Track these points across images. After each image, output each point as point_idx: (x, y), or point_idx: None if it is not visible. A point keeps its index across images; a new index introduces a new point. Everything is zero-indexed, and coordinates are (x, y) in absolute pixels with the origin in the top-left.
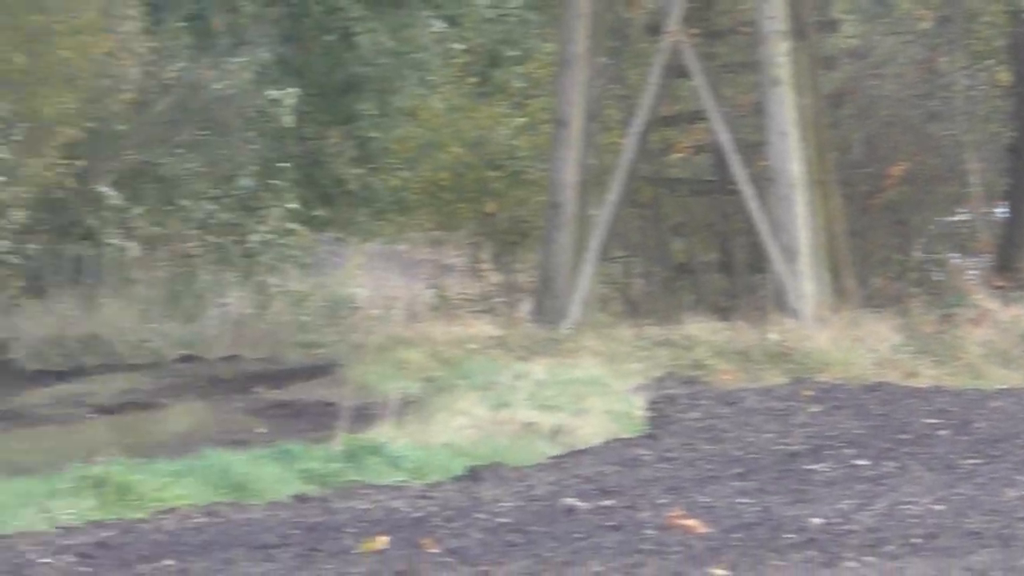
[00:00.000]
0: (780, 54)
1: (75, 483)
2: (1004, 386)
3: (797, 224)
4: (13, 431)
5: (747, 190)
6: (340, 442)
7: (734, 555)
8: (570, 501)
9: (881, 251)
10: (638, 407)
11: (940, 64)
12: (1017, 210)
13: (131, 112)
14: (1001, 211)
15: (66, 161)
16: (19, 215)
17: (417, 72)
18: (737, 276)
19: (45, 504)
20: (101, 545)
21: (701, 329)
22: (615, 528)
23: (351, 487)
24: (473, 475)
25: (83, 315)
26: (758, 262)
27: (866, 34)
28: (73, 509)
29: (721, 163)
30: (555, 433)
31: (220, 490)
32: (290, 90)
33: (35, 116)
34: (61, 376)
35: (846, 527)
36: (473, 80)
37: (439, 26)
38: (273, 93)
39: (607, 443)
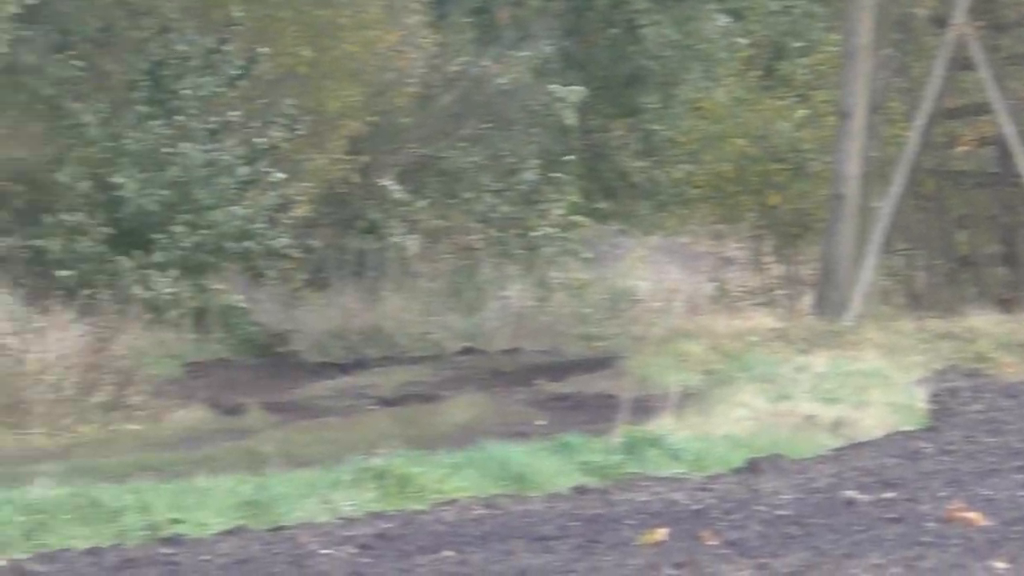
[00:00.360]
0: None
1: (356, 475)
2: None
3: None
4: (296, 423)
5: None
6: (620, 434)
7: (1015, 548)
8: (850, 493)
9: None
10: (920, 400)
11: None
12: None
13: (415, 106)
14: None
15: (350, 156)
16: (303, 209)
17: (701, 65)
18: (1021, 268)
19: (327, 495)
20: (381, 536)
21: (984, 322)
22: (895, 521)
23: (631, 479)
24: (753, 467)
25: (365, 308)
26: None
27: None
28: (354, 500)
29: (1005, 156)
30: (836, 425)
31: (500, 482)
32: (575, 87)
33: (320, 110)
34: (343, 369)
35: None
36: (757, 73)
37: (724, 20)
38: (557, 89)
39: (888, 435)
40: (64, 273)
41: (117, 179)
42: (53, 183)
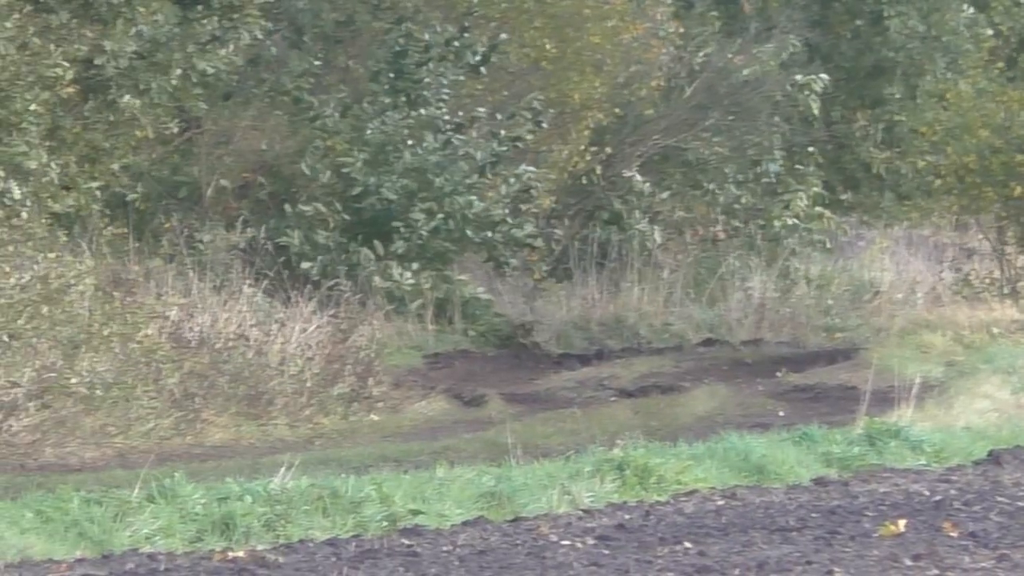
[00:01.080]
0: None
1: (597, 466)
2: None
3: None
4: (538, 414)
5: None
6: (861, 426)
7: None
8: None
9: None
10: None
11: None
12: None
13: (658, 98)
14: None
15: (593, 147)
16: (546, 200)
17: (946, 56)
18: None
19: (567, 486)
20: (621, 527)
21: None
22: None
23: (871, 470)
24: (994, 458)
25: (607, 299)
26: None
27: None
28: (594, 492)
29: None
30: None
31: (740, 473)
32: (820, 76)
33: (564, 102)
34: (584, 360)
35: None
36: (1001, 64)
37: (969, 11)
38: (800, 78)
39: None
40: (305, 265)
41: (356, 168)
42: (294, 175)
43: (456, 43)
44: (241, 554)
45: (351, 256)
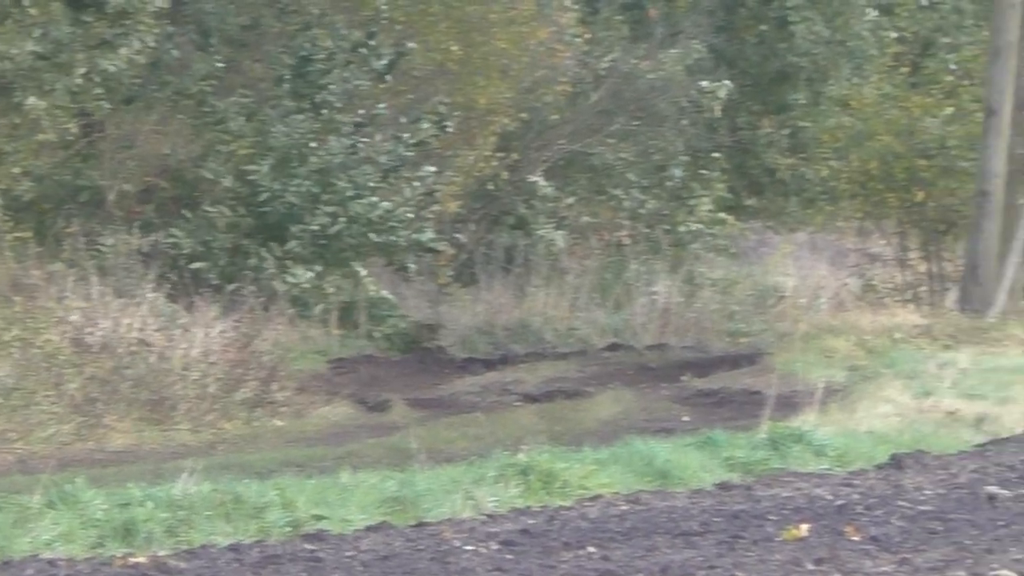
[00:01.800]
0: None
1: (501, 471)
2: None
3: None
4: (442, 419)
5: None
6: (764, 430)
7: None
8: (992, 489)
9: None
10: None
11: None
12: None
13: (564, 102)
14: None
15: (499, 152)
16: (451, 205)
17: (851, 62)
18: None
19: (471, 491)
20: (525, 532)
21: None
22: None
23: (774, 475)
24: (896, 463)
25: (512, 304)
26: None
27: None
28: (498, 496)
29: None
30: (979, 421)
31: (644, 478)
32: (724, 82)
33: (469, 106)
34: (489, 364)
35: None
36: (905, 70)
37: (873, 15)
38: (705, 84)
39: None
40: (200, 265)
41: (259, 171)
42: (197, 179)
43: (363, 49)
44: (143, 560)
45: (251, 259)
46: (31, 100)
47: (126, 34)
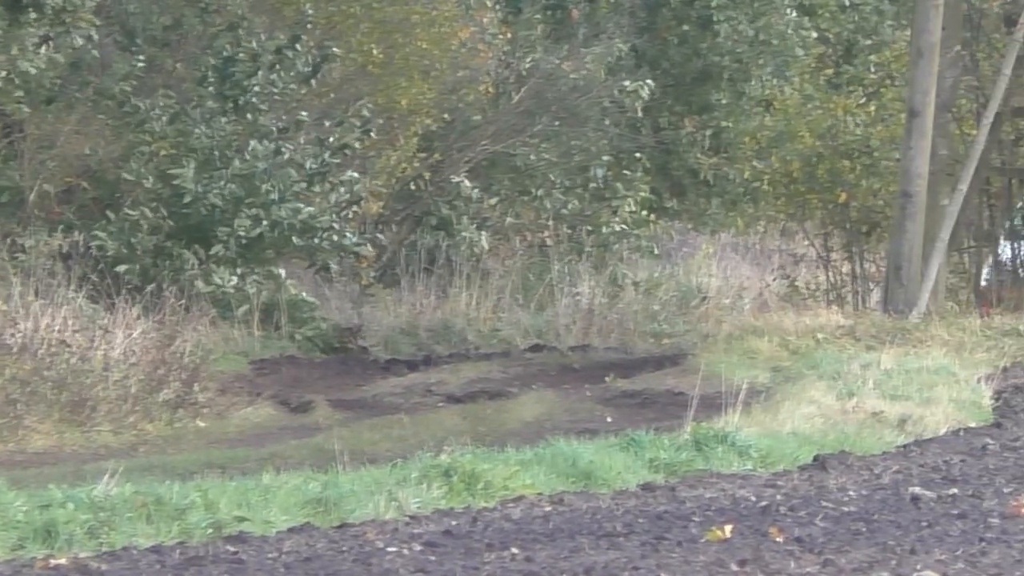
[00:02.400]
0: None
1: (424, 472)
2: None
3: None
4: (365, 420)
5: None
6: (688, 431)
7: None
8: (916, 490)
9: None
10: (985, 396)
11: None
12: None
13: (487, 103)
14: None
15: (421, 153)
16: (374, 206)
17: (773, 62)
18: None
19: (394, 493)
20: (448, 533)
21: None
22: (960, 516)
23: (698, 476)
24: (820, 463)
25: (435, 305)
26: None
27: None
28: (421, 498)
29: None
30: (902, 422)
31: (568, 479)
32: (646, 82)
33: (392, 107)
34: (412, 365)
35: None
36: (828, 71)
37: (795, 15)
38: (627, 83)
39: (953, 432)
40: (123, 267)
41: (181, 173)
42: (119, 180)
43: (288, 52)
44: (64, 562)
45: (173, 261)
46: None
47: (67, 31)
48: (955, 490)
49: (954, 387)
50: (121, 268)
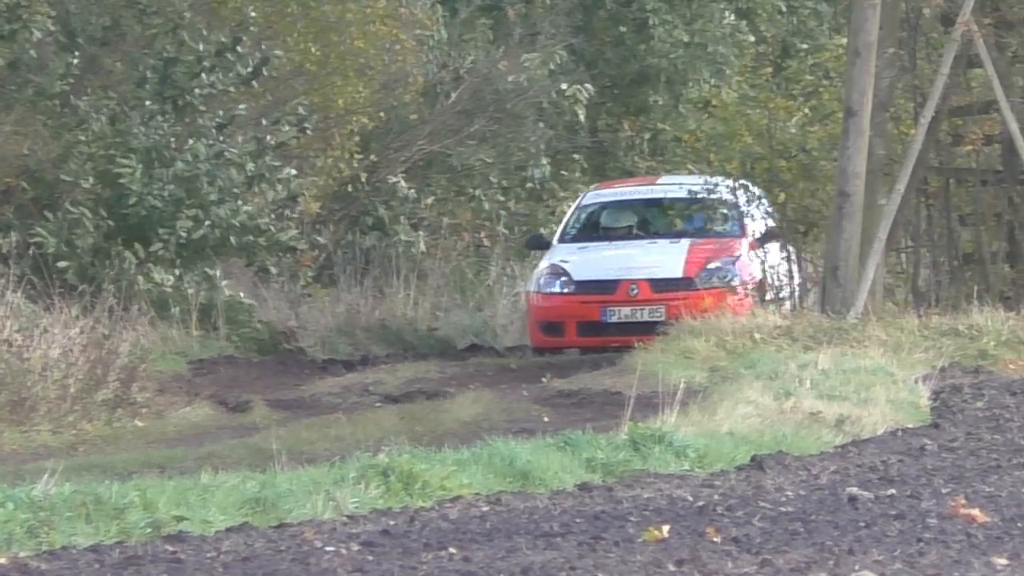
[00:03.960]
0: None
1: (362, 472)
2: None
3: None
4: (303, 420)
5: None
6: (625, 431)
7: (1017, 544)
8: (853, 490)
9: None
10: (923, 397)
11: None
12: None
13: (423, 103)
14: None
15: (358, 152)
16: (311, 206)
17: (710, 65)
18: None
19: (332, 492)
20: (385, 533)
21: (987, 319)
22: (898, 517)
23: (635, 476)
24: (757, 463)
25: (373, 305)
26: None
27: None
28: (359, 498)
29: (1011, 153)
30: (840, 422)
31: (505, 479)
32: (584, 86)
33: (328, 107)
34: (349, 365)
35: None
36: (767, 71)
37: (731, 18)
38: (566, 87)
39: (891, 432)
40: (63, 264)
41: (121, 174)
42: (58, 180)
43: (228, 55)
44: (3, 561)
45: (112, 260)
46: None
47: (25, 26)
48: (893, 490)
49: (892, 387)
50: (62, 264)
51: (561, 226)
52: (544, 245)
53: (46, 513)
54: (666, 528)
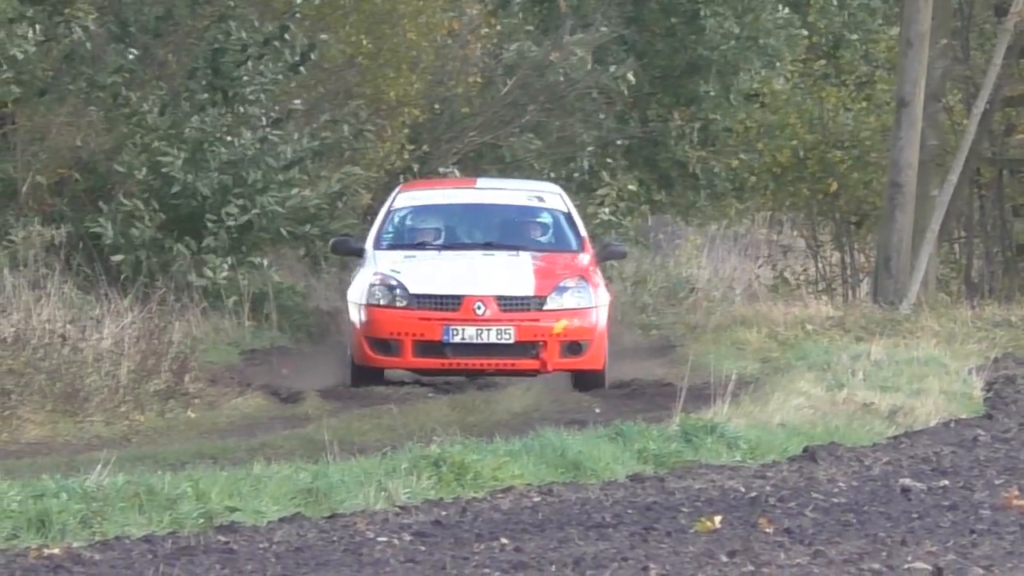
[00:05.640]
0: None
1: (413, 462)
2: None
3: None
4: (354, 411)
5: None
6: (676, 422)
7: None
8: (906, 481)
9: None
10: (975, 388)
11: None
12: None
13: (475, 94)
14: None
15: (410, 144)
16: (364, 198)
17: (761, 56)
18: None
19: (384, 483)
20: (437, 524)
21: None
22: (950, 508)
23: (687, 467)
24: (809, 455)
25: None
26: None
27: None
28: (411, 488)
29: None
30: (892, 413)
31: (556, 469)
32: (630, 74)
33: (380, 99)
34: None
35: None
36: (819, 62)
37: (784, 11)
38: (615, 74)
39: (944, 423)
40: (118, 258)
41: (170, 163)
42: (111, 171)
43: (276, 43)
44: (57, 551)
45: (166, 252)
46: None
47: (66, 21)
48: (946, 482)
49: (945, 378)
50: (117, 258)
51: (374, 230)
52: (355, 251)
53: (99, 504)
54: (718, 519)
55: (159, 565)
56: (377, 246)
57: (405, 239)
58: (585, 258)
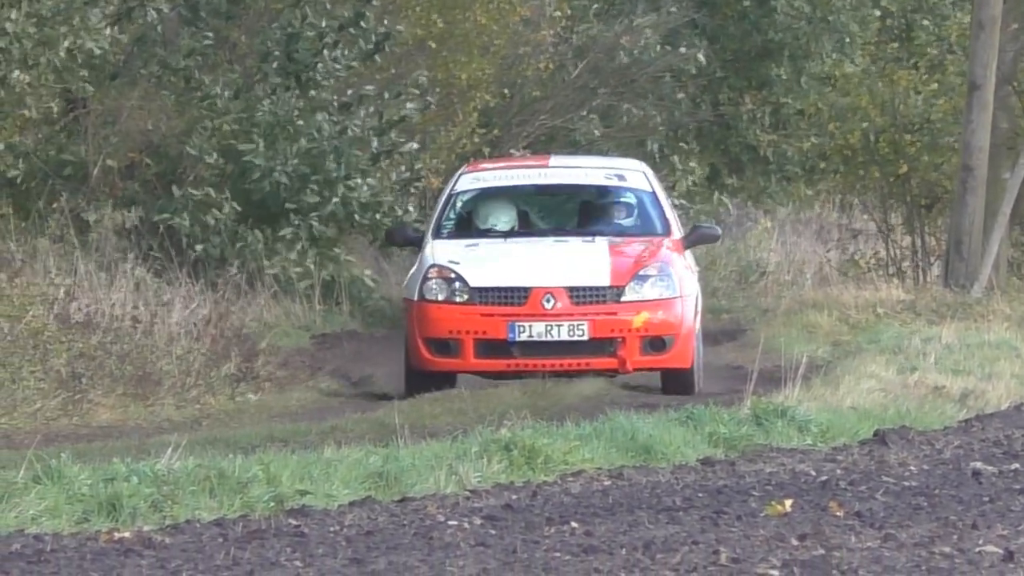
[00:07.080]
0: None
1: (484, 446)
2: None
3: None
4: (424, 395)
5: None
6: (747, 406)
7: None
8: (977, 465)
9: None
10: None
11: None
12: None
13: (546, 78)
14: None
15: (481, 128)
16: (435, 182)
17: (832, 39)
18: None
19: (454, 467)
20: (508, 507)
21: None
22: (1021, 492)
23: (757, 450)
24: (880, 438)
25: None
26: None
27: None
28: (481, 472)
29: None
30: (963, 397)
31: (627, 453)
32: (700, 54)
33: (450, 83)
34: None
35: None
36: (891, 45)
37: None
38: (683, 50)
39: (1015, 407)
40: (198, 248)
41: (246, 150)
42: (182, 155)
43: (351, 30)
44: (128, 535)
45: (241, 239)
46: (16, 74)
47: (142, 4)
48: (1017, 465)
49: (1016, 362)
50: (197, 248)
51: (434, 217)
52: (413, 241)
53: (170, 487)
54: (789, 503)
55: (230, 548)
56: (436, 235)
57: (467, 226)
58: (670, 243)
